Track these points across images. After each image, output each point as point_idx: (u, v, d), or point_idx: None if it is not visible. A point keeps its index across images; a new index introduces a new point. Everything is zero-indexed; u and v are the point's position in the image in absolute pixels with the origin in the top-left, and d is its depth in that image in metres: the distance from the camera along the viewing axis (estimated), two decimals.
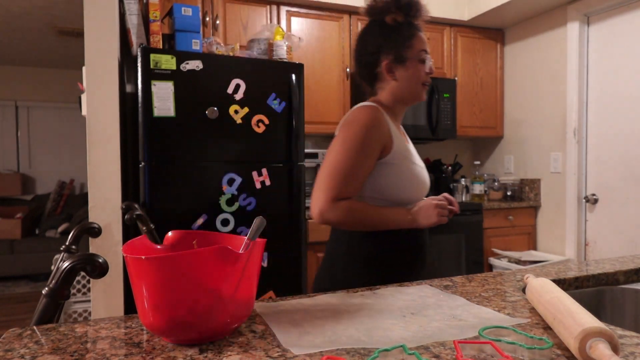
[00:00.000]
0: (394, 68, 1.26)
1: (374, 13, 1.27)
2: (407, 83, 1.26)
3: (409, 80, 1.26)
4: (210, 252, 0.64)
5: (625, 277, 1.11)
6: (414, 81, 1.26)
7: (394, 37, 1.25)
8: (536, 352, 0.60)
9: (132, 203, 1.67)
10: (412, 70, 1.26)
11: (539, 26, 3.35)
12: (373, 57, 1.27)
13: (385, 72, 1.27)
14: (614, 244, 2.93)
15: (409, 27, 1.25)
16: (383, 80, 1.28)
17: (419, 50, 1.26)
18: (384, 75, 1.27)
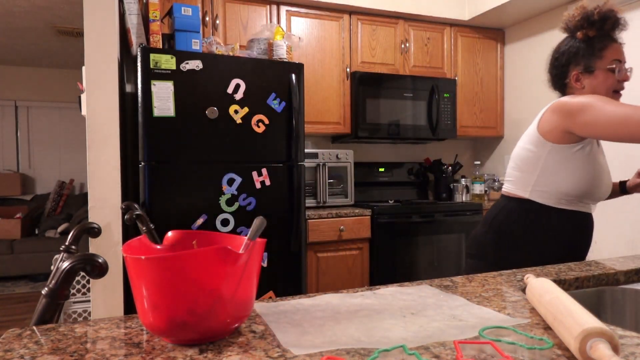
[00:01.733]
0: (581, 77, 1.39)
1: (569, 30, 1.44)
2: (592, 90, 1.38)
3: (595, 88, 1.37)
4: (210, 252, 0.64)
5: (626, 277, 1.11)
6: (600, 88, 1.37)
7: (583, 50, 1.38)
8: (536, 353, 0.60)
9: (132, 203, 1.67)
10: (601, 78, 1.37)
11: (539, 26, 3.35)
12: (562, 69, 1.42)
13: (573, 82, 1.40)
14: (614, 244, 2.93)
15: (602, 40, 1.39)
16: (571, 88, 1.42)
17: (611, 60, 1.37)
18: (572, 84, 1.41)
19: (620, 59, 1.38)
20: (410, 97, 3.19)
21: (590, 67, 1.38)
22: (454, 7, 3.37)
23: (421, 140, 3.41)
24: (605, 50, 1.38)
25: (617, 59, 1.37)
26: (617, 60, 1.37)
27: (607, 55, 1.38)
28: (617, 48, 1.40)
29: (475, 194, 3.39)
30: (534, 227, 1.38)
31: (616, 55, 1.38)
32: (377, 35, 3.20)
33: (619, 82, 1.37)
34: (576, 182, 1.35)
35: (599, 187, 1.38)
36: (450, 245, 3.05)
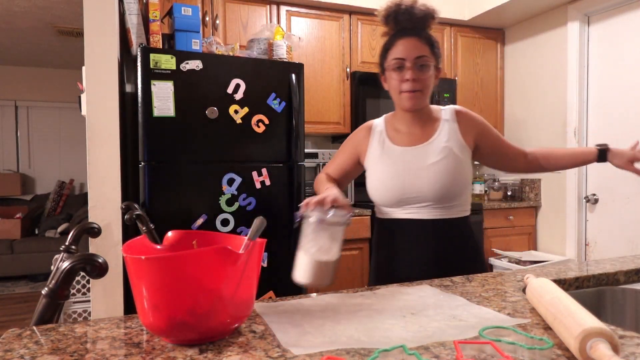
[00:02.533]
0: (383, 79, 1.34)
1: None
2: (391, 93, 1.32)
3: (390, 91, 1.31)
4: (210, 252, 0.64)
5: (626, 277, 1.11)
6: (392, 91, 1.31)
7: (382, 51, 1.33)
8: (536, 353, 0.60)
9: (132, 203, 1.67)
10: (389, 80, 1.30)
11: (539, 26, 3.35)
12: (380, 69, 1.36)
13: (384, 84, 1.36)
14: (614, 244, 2.93)
15: (391, 38, 1.30)
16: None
17: (392, 59, 1.27)
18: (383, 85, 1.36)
19: (399, 57, 1.25)
20: None
21: (382, 67, 1.33)
22: (454, 7, 3.37)
23: None
24: (391, 48, 1.29)
25: (398, 58, 1.26)
26: (398, 58, 1.25)
27: (391, 54, 1.28)
28: (401, 46, 1.26)
29: (475, 194, 3.39)
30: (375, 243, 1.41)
31: (398, 53, 1.26)
32: (377, 35, 3.19)
33: (401, 82, 1.26)
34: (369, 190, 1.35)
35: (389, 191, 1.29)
36: None
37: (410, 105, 1.27)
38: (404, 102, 1.27)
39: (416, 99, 1.26)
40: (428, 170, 1.27)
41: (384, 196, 1.31)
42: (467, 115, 1.39)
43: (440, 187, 1.26)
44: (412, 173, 1.28)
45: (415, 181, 1.27)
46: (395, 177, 1.29)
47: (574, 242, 3.10)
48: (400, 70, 1.26)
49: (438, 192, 1.27)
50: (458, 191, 1.31)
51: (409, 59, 1.25)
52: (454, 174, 1.28)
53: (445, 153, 1.28)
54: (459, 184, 1.30)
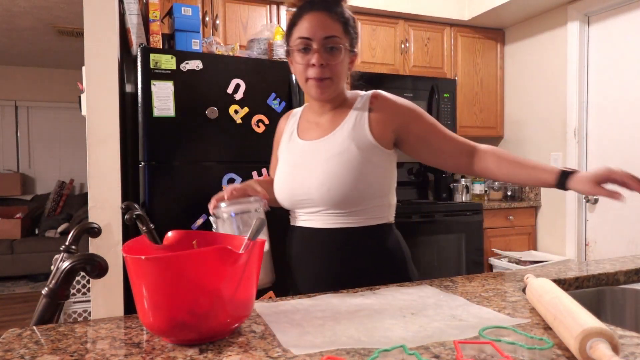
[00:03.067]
0: (290, 61, 1.13)
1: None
2: (297, 78, 1.12)
3: (296, 76, 1.12)
4: (210, 252, 0.64)
5: (626, 277, 1.11)
6: (298, 76, 1.11)
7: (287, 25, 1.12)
8: (536, 352, 0.60)
9: (132, 203, 1.67)
10: (294, 63, 1.10)
11: (539, 26, 3.35)
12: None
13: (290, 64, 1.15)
14: (614, 244, 2.93)
15: (297, 12, 1.08)
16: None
17: (296, 38, 1.06)
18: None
19: (305, 36, 1.04)
20: (410, 97, 3.19)
21: (287, 48, 1.12)
22: (454, 7, 3.37)
23: None
24: (296, 25, 1.08)
25: (303, 37, 1.05)
26: (303, 38, 1.05)
27: (295, 31, 1.07)
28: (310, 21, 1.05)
29: (475, 194, 3.39)
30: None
31: (303, 31, 1.05)
32: (377, 35, 3.19)
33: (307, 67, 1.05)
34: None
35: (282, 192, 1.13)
36: (450, 245, 3.05)
37: (317, 94, 1.08)
38: (311, 91, 1.08)
39: (325, 88, 1.06)
40: (318, 169, 1.06)
41: (279, 197, 1.14)
42: (385, 102, 1.12)
43: (327, 189, 1.03)
44: (304, 172, 1.08)
45: (304, 181, 1.07)
46: (288, 175, 1.11)
47: (573, 242, 3.10)
48: (305, 52, 1.05)
49: (326, 196, 1.04)
50: (357, 196, 1.04)
51: (316, 39, 1.04)
52: (350, 175, 1.03)
53: (341, 149, 1.05)
54: (358, 187, 1.03)
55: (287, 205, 1.14)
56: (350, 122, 1.10)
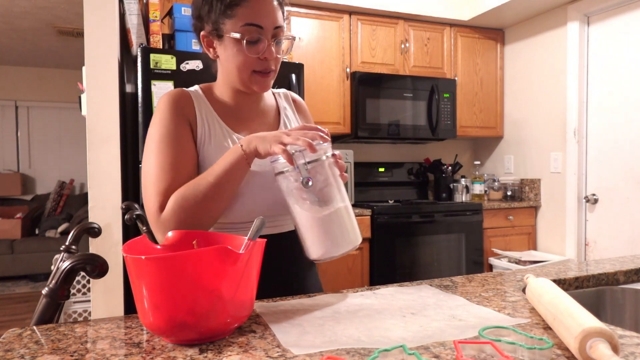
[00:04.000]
0: (213, 42, 0.96)
1: None
2: (228, 65, 0.95)
3: (229, 63, 0.94)
4: (210, 252, 0.64)
5: (626, 277, 1.11)
6: (235, 65, 0.94)
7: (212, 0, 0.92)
8: (536, 352, 0.60)
9: (132, 203, 1.67)
10: (230, 50, 0.93)
11: (539, 26, 3.35)
12: (195, 22, 0.98)
13: (204, 46, 0.98)
14: (614, 244, 2.93)
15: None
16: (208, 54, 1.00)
17: (243, 25, 0.90)
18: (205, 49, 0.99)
19: (257, 23, 0.90)
20: (410, 97, 3.19)
21: (219, 28, 0.92)
22: (454, 7, 3.37)
23: (421, 140, 3.41)
24: (238, 6, 0.90)
25: (250, 23, 0.90)
26: (252, 25, 0.90)
27: (240, 13, 0.89)
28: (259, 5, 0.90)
29: (475, 194, 3.39)
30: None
31: (251, 16, 0.90)
32: (377, 35, 3.20)
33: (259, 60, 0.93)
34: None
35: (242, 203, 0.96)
36: (450, 245, 3.05)
37: (261, 88, 0.97)
38: (254, 85, 0.96)
39: (269, 81, 0.97)
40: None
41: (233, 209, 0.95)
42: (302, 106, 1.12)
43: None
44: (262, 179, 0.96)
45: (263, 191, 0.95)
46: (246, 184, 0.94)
47: (573, 242, 3.10)
48: (255, 43, 0.91)
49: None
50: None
51: (267, 28, 0.91)
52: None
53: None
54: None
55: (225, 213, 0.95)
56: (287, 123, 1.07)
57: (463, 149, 3.93)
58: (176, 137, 0.93)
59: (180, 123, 0.94)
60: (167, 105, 0.94)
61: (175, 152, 0.91)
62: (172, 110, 0.94)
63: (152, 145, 0.93)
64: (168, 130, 0.92)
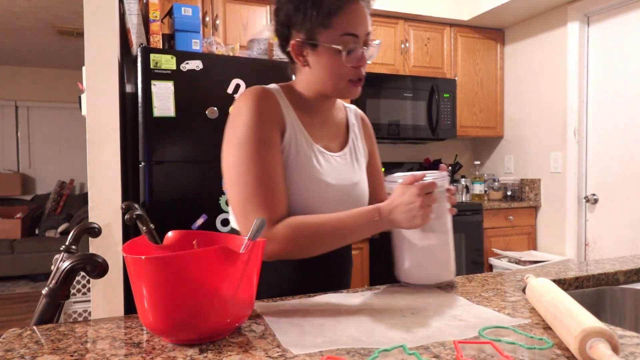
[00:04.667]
0: (304, 50, 0.94)
1: None
2: (321, 74, 0.94)
3: (323, 72, 0.93)
4: (210, 252, 0.64)
5: (626, 277, 1.11)
6: (330, 75, 0.93)
7: (308, 8, 0.89)
8: (536, 352, 0.60)
9: (132, 203, 1.67)
10: (326, 59, 0.91)
11: (539, 26, 3.35)
12: (283, 30, 0.96)
13: (293, 54, 0.95)
14: (614, 244, 2.93)
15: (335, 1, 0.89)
16: (297, 64, 0.99)
17: (341, 35, 0.89)
18: (294, 57, 0.96)
19: (354, 32, 0.90)
20: (410, 97, 3.19)
21: (314, 37, 0.91)
22: (454, 7, 3.37)
23: (421, 140, 3.41)
24: (336, 14, 0.88)
25: (348, 33, 0.89)
26: (350, 34, 0.89)
27: (337, 23, 0.89)
28: (354, 13, 0.89)
29: (475, 194, 3.39)
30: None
31: (348, 25, 0.89)
32: (377, 35, 3.19)
33: (354, 68, 0.92)
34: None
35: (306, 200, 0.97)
36: None
37: (352, 95, 0.97)
38: (346, 93, 0.96)
39: (360, 88, 0.97)
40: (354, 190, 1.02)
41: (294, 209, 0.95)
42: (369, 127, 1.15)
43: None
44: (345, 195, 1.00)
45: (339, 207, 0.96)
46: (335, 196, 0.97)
47: (573, 242, 3.10)
48: (352, 52, 0.91)
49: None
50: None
51: (361, 36, 0.92)
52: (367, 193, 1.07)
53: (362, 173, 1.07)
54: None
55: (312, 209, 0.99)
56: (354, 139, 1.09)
57: (463, 149, 3.93)
58: (270, 144, 0.90)
59: (271, 128, 0.91)
60: (256, 106, 0.90)
61: (271, 163, 0.89)
62: (262, 112, 0.91)
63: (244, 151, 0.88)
64: (260, 136, 0.88)
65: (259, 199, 0.87)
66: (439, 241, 0.90)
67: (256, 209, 0.87)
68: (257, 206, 0.87)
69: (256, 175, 0.87)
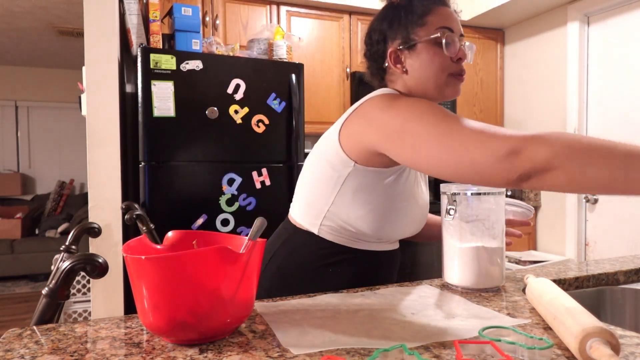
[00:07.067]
0: (402, 56, 0.97)
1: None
2: (421, 73, 0.95)
3: (424, 70, 0.95)
4: (210, 252, 0.64)
5: (625, 277, 1.11)
6: (431, 70, 0.94)
7: (402, 17, 0.96)
8: (536, 352, 0.60)
9: (132, 203, 1.67)
10: (426, 55, 0.94)
11: (539, 26, 3.35)
12: (378, 48, 1.00)
13: (391, 64, 0.97)
14: (614, 244, 2.93)
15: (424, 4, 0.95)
16: (392, 74, 1.00)
17: (436, 29, 0.93)
18: (391, 68, 0.98)
19: (449, 26, 0.94)
20: None
21: (410, 38, 0.95)
22: None
23: None
24: (428, 15, 0.94)
25: (444, 27, 0.94)
26: (446, 28, 0.94)
27: (431, 20, 0.94)
28: (445, 13, 0.95)
29: None
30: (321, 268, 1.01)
31: (443, 21, 0.94)
32: None
33: (452, 60, 0.94)
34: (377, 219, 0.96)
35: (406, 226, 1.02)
36: None
37: (454, 93, 0.98)
38: (449, 89, 0.97)
39: (460, 86, 0.99)
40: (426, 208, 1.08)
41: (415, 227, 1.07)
42: None
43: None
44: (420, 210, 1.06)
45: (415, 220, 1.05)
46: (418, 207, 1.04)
47: (573, 242, 3.10)
48: (450, 44, 0.93)
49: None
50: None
51: (457, 33, 0.95)
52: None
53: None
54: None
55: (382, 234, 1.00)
56: None
57: None
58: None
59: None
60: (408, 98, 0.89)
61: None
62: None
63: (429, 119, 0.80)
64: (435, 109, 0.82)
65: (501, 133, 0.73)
66: (474, 245, 0.93)
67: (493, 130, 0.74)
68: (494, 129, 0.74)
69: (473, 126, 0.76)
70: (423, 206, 1.05)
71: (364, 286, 0.98)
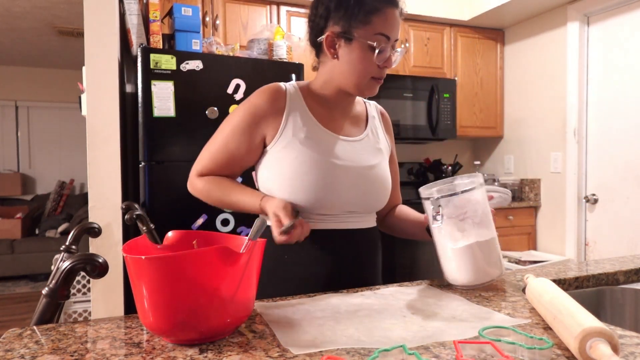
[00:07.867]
0: (337, 42, 0.99)
1: None
2: (348, 68, 0.99)
3: (352, 66, 0.99)
4: (210, 252, 0.64)
5: (625, 277, 1.11)
6: (357, 70, 0.99)
7: (350, 5, 0.96)
8: (536, 352, 0.60)
9: (132, 203, 1.67)
10: (357, 54, 0.97)
11: (539, 26, 3.35)
12: (320, 21, 1.01)
13: (325, 46, 1.01)
14: (614, 244, 2.93)
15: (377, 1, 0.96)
16: (324, 54, 1.03)
17: (375, 34, 0.96)
18: (324, 48, 1.01)
19: (387, 34, 0.97)
20: (410, 97, 3.18)
21: (350, 32, 0.97)
22: (454, 7, 3.37)
23: (421, 140, 3.41)
24: (374, 14, 0.95)
25: (382, 33, 0.96)
26: (384, 35, 0.96)
27: (375, 21, 0.95)
28: (391, 16, 0.97)
29: None
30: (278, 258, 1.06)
31: (384, 26, 0.96)
32: None
33: (379, 66, 0.99)
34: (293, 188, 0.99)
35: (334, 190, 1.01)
36: None
37: (371, 94, 1.04)
38: (368, 91, 1.03)
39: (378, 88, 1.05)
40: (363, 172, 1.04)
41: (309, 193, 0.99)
42: (388, 121, 1.23)
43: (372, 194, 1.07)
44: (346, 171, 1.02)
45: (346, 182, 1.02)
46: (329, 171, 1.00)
47: (573, 242, 3.10)
48: (382, 52, 0.98)
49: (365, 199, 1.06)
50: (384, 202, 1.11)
51: (392, 39, 0.99)
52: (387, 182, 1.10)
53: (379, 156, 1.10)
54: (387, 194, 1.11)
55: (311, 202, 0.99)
56: (373, 129, 1.15)
57: (463, 149, 3.93)
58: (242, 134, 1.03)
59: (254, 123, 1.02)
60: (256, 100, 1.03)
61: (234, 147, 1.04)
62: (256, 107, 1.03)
63: (225, 129, 1.06)
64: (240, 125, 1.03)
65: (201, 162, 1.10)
66: (468, 243, 0.92)
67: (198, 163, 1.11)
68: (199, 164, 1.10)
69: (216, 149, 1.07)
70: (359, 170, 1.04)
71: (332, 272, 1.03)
